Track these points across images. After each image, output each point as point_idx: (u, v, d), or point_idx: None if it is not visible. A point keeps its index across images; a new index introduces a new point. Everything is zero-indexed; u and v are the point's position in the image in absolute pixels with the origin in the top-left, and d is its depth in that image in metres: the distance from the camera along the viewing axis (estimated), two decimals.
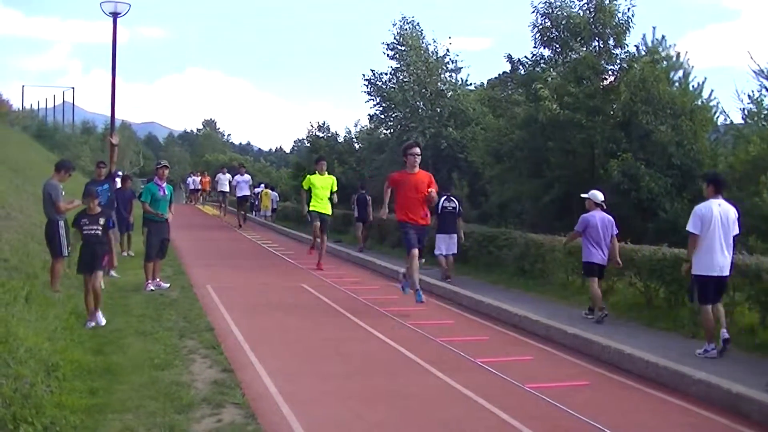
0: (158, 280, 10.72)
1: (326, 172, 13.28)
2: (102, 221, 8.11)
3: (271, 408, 5.32)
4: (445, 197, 12.78)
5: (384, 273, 13.39)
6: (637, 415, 5.50)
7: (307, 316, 9.17)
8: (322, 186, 13.04)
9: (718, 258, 7.28)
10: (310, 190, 13.07)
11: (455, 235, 12.72)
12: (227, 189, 27.36)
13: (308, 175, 13.38)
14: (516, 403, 5.59)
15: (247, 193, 24.58)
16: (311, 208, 13.12)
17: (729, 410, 5.50)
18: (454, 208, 12.86)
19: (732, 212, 7.44)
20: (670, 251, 9.19)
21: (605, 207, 9.53)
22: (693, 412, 5.57)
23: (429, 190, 9.27)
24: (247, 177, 24.65)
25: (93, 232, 8.03)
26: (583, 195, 9.79)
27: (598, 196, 9.48)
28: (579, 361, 7.08)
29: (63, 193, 9.61)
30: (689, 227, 7.38)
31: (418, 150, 9.61)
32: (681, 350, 7.53)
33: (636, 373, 6.54)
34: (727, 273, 7.38)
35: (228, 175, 27.52)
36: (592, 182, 15.92)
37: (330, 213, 13.41)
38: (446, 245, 12.64)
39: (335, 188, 13.25)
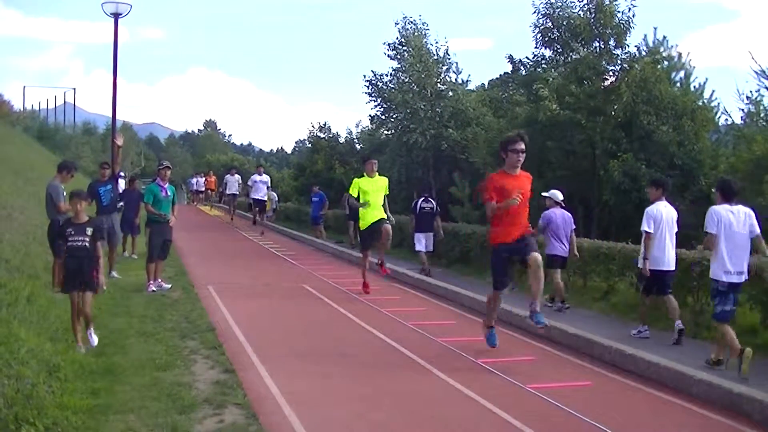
0: (159, 280, 10.73)
1: (377, 173, 10.89)
2: (90, 231, 6.85)
3: (273, 408, 5.33)
4: (423, 198, 14.29)
5: None
6: (639, 416, 5.51)
7: (309, 317, 9.18)
8: (375, 190, 10.67)
9: (668, 253, 8.22)
10: (359, 197, 10.70)
11: (432, 233, 13.96)
12: (237, 191, 25.60)
13: (355, 179, 10.98)
14: (517, 404, 5.59)
15: (265, 196, 21.93)
16: (361, 226, 10.92)
17: (730, 410, 5.50)
18: (432, 208, 14.16)
19: (674, 212, 8.39)
20: None
21: (563, 205, 10.54)
22: (695, 412, 5.57)
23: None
24: (266, 177, 22.14)
25: (80, 243, 6.83)
26: (544, 194, 10.65)
27: (558, 195, 10.45)
28: (580, 362, 7.08)
29: (65, 193, 9.62)
30: (644, 227, 8.21)
31: (523, 145, 7.02)
32: (682, 350, 7.55)
33: (637, 374, 6.55)
34: (673, 268, 8.31)
35: (237, 176, 25.80)
36: (594, 182, 15.96)
37: (386, 216, 10.83)
38: (425, 242, 13.85)
39: (387, 191, 11.05)
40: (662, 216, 8.20)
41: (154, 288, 10.44)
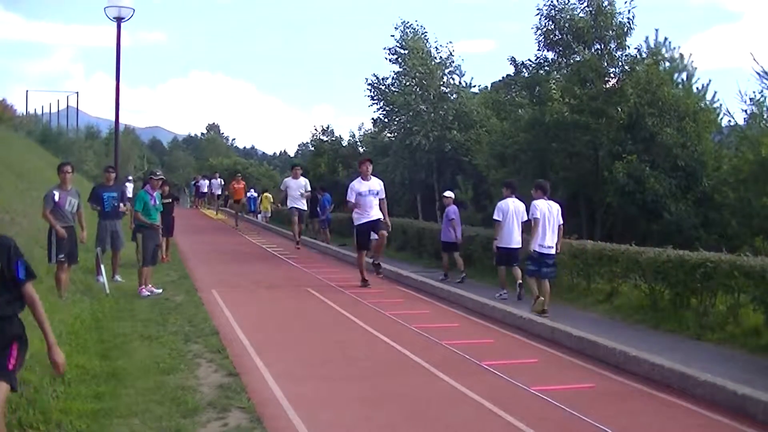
0: (150, 286, 10.72)
1: None
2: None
3: (277, 412, 5.32)
4: None
5: (388, 276, 13.37)
6: (643, 417, 5.49)
7: (312, 320, 9.19)
8: None
9: (515, 236, 11.19)
10: None
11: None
12: (304, 206, 16.99)
13: None
14: (521, 406, 5.58)
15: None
16: None
17: (735, 412, 5.48)
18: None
19: (521, 206, 11.16)
20: (675, 253, 9.18)
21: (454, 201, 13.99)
22: (699, 413, 5.55)
23: None
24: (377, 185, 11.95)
25: None
26: (446, 194, 14.26)
27: (452, 194, 14.30)
28: (584, 364, 7.06)
29: (57, 198, 9.27)
30: (495, 217, 11.28)
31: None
32: (687, 352, 7.53)
33: (641, 375, 6.53)
34: (519, 246, 11.14)
35: (304, 180, 16.94)
36: (597, 184, 15.94)
37: None
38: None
39: None
40: (509, 208, 11.16)
41: (147, 292, 10.45)
